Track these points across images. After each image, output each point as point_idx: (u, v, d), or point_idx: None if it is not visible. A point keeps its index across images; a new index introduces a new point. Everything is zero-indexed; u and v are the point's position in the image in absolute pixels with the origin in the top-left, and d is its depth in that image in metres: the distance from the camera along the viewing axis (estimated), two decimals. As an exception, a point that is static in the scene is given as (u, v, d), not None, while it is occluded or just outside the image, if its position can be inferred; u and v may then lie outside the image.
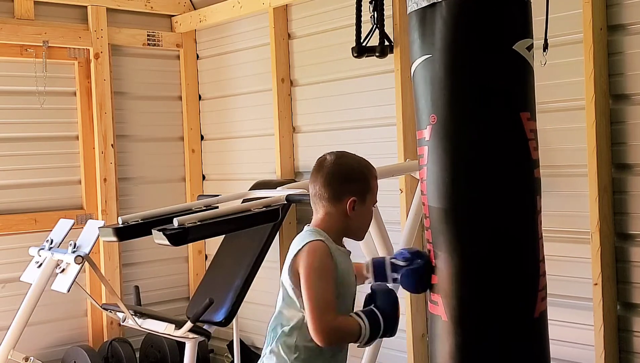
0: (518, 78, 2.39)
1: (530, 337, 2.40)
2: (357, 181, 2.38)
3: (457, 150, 2.37)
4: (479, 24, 2.35)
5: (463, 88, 2.37)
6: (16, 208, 4.99)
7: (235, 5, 5.10)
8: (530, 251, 2.40)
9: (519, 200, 2.39)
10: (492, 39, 2.36)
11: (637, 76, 3.33)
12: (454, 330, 2.40)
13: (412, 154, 4.13)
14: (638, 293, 3.37)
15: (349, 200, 2.35)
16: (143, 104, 5.53)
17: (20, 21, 4.96)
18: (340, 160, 2.40)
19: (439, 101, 2.39)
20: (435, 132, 2.41)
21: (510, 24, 2.38)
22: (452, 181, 2.38)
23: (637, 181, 3.36)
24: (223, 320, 4.10)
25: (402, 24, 4.11)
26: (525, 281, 2.39)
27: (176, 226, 2.67)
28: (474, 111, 2.37)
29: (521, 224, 2.40)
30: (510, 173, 2.38)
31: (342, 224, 2.38)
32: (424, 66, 2.44)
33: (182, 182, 5.67)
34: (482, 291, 2.38)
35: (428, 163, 2.44)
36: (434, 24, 2.39)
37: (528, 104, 2.42)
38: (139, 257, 5.40)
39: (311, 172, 2.42)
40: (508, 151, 2.37)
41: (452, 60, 2.37)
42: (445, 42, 2.37)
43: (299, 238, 2.36)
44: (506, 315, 2.38)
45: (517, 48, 2.37)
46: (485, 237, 2.37)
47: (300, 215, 4.90)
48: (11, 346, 4.04)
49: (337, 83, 4.63)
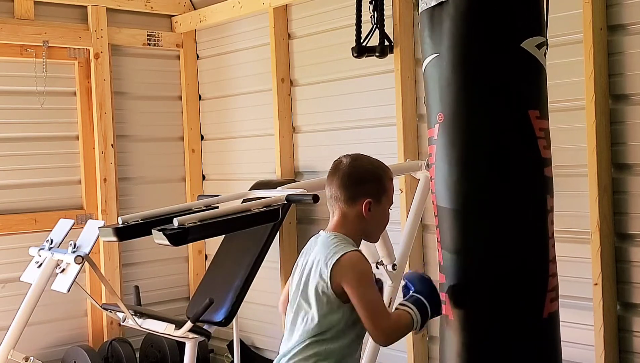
0: (526, 76, 2.38)
1: (538, 338, 2.39)
2: (372, 183, 2.41)
3: (464, 148, 2.37)
4: (485, 22, 2.35)
5: (469, 86, 2.36)
6: (16, 208, 4.99)
7: (235, 5, 5.10)
8: (540, 251, 2.39)
9: (528, 199, 2.38)
10: (499, 36, 2.35)
11: (637, 76, 3.33)
12: (460, 330, 2.40)
13: (412, 154, 4.14)
14: (638, 293, 3.37)
15: (365, 201, 2.39)
16: (143, 104, 5.53)
17: (20, 21, 4.96)
18: (356, 162, 2.44)
19: (446, 99, 2.39)
20: (442, 130, 2.40)
21: (518, 21, 2.37)
22: (460, 180, 2.37)
23: (637, 181, 3.36)
24: (223, 320, 4.10)
25: (402, 24, 4.11)
26: (533, 282, 2.38)
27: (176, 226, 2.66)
28: (481, 109, 2.36)
29: (530, 224, 2.39)
30: (519, 172, 2.37)
31: (359, 226, 2.42)
32: (433, 65, 2.43)
33: (182, 182, 5.67)
34: (490, 291, 2.37)
35: (436, 161, 2.44)
36: (442, 22, 2.39)
37: (537, 102, 2.40)
38: (139, 257, 5.40)
39: (327, 175, 2.47)
40: (516, 149, 2.36)
41: (459, 58, 2.36)
42: (452, 40, 2.37)
43: (326, 245, 2.38)
44: (513, 315, 2.37)
45: (526, 46, 2.35)
46: (493, 236, 2.36)
47: (300, 215, 4.90)
48: (11, 346, 4.03)
49: (337, 83, 4.63)
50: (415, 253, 4.03)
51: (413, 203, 3.72)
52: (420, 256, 4.16)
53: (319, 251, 2.40)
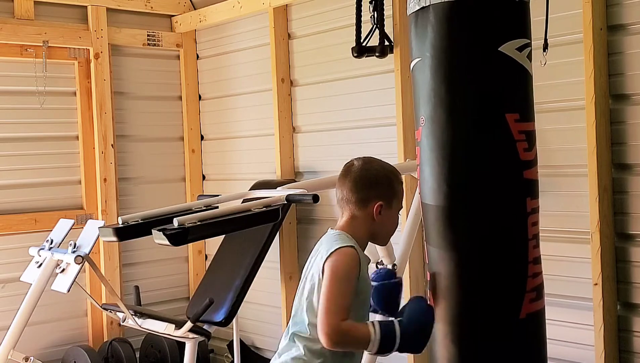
0: (504, 79, 2.39)
1: (515, 338, 2.40)
2: (383, 186, 2.42)
3: (442, 151, 2.40)
4: (463, 27, 2.37)
5: (447, 90, 2.39)
6: (16, 208, 4.99)
7: (235, 5, 5.10)
8: (518, 252, 2.40)
9: (505, 201, 2.39)
10: (476, 41, 2.37)
11: (637, 76, 3.33)
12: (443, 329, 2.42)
13: (412, 154, 4.13)
14: (638, 293, 3.37)
15: (376, 204, 2.40)
16: (143, 104, 5.53)
17: (20, 21, 4.96)
18: (367, 165, 2.45)
19: (427, 103, 2.43)
20: (424, 133, 2.45)
21: (497, 25, 2.38)
22: (440, 181, 2.40)
23: (637, 181, 3.36)
24: (223, 320, 4.11)
25: (402, 24, 4.11)
26: (510, 282, 2.40)
27: (176, 226, 2.66)
28: (457, 113, 2.39)
29: (508, 226, 2.40)
30: (495, 175, 2.38)
31: (368, 229, 2.43)
32: (417, 68, 2.49)
33: (182, 182, 5.67)
34: (468, 290, 2.40)
35: (420, 163, 2.49)
36: (425, 27, 2.42)
37: (517, 105, 2.41)
38: (139, 257, 5.40)
39: (338, 177, 2.48)
40: (493, 152, 2.38)
41: (438, 62, 2.39)
42: (432, 45, 2.40)
43: (328, 241, 2.39)
44: (490, 314, 2.39)
45: (504, 50, 2.36)
46: (471, 237, 2.38)
47: (300, 215, 4.90)
48: (11, 346, 4.04)
49: (337, 83, 4.63)
50: (415, 253, 4.04)
51: (413, 203, 3.72)
52: (420, 256, 4.16)
53: (321, 246, 2.41)
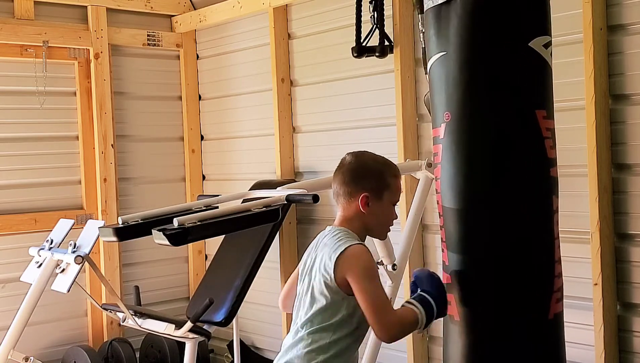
0: (534, 75, 2.37)
1: (544, 339, 2.37)
2: (371, 178, 2.42)
3: (470, 148, 2.35)
4: (493, 20, 2.33)
5: (477, 85, 2.35)
6: (16, 208, 4.99)
7: (235, 5, 5.10)
8: (546, 251, 2.38)
9: (534, 199, 2.36)
10: (507, 35, 2.33)
11: (637, 76, 3.33)
12: (466, 330, 2.39)
13: (412, 154, 4.14)
14: (638, 293, 3.37)
15: (361, 196, 2.40)
16: (143, 104, 5.53)
17: (20, 21, 4.96)
18: (358, 158, 2.47)
19: (452, 98, 2.37)
20: (449, 130, 2.39)
21: (526, 20, 2.35)
22: (466, 180, 2.36)
23: (637, 181, 3.36)
24: (223, 320, 4.10)
25: (402, 24, 4.11)
26: (539, 283, 2.37)
27: (176, 226, 2.66)
28: (488, 108, 2.34)
29: (537, 225, 2.37)
30: (525, 172, 2.35)
31: (360, 222, 2.44)
32: (439, 63, 2.42)
33: (182, 182, 5.67)
34: (495, 292, 2.36)
35: (442, 161, 2.42)
36: (449, 20, 2.37)
37: (544, 102, 2.39)
38: (139, 257, 5.40)
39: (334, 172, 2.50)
40: (523, 149, 2.34)
41: (466, 57, 2.34)
42: (459, 39, 2.35)
43: (331, 240, 2.39)
44: (519, 316, 2.35)
45: (534, 45, 2.34)
46: (499, 237, 2.35)
47: (300, 215, 4.90)
48: (11, 346, 4.03)
49: (337, 83, 4.63)
50: (415, 253, 4.03)
51: (413, 203, 3.72)
52: (420, 256, 4.17)
53: (323, 245, 2.42)
